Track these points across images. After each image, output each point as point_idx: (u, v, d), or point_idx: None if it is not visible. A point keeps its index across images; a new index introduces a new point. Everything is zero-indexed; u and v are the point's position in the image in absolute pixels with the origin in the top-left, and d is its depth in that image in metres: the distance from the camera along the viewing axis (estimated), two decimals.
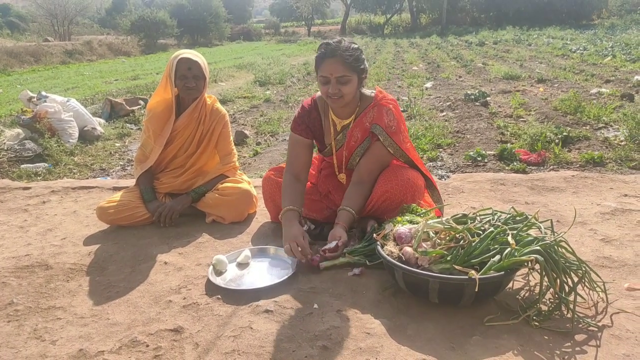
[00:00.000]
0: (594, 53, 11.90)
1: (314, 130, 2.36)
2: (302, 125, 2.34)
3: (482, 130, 4.94)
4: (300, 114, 2.36)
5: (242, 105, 7.30)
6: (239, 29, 38.22)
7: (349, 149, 2.30)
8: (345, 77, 2.06)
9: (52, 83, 11.83)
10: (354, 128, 2.25)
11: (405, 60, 13.21)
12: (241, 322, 1.72)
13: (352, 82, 2.09)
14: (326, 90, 2.11)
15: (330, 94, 2.10)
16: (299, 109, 2.38)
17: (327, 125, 2.35)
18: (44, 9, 31.77)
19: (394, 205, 2.19)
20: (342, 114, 2.28)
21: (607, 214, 2.52)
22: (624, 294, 1.79)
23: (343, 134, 2.30)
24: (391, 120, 2.19)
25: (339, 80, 2.06)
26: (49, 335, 1.71)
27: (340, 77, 2.06)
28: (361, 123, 2.23)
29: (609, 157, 3.73)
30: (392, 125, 2.18)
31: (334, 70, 2.05)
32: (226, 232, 2.52)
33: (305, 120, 2.34)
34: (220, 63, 15.26)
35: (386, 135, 2.18)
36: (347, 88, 2.09)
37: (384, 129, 2.17)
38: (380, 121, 2.18)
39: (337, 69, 2.05)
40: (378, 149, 2.21)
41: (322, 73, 2.09)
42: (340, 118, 2.30)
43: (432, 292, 1.67)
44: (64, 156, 4.55)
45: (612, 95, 6.39)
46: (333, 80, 2.06)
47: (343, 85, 2.07)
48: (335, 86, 2.07)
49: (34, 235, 2.61)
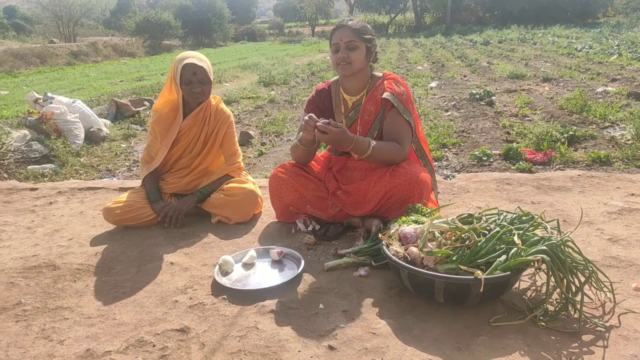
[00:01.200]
0: (599, 51, 11.83)
1: (322, 109, 2.50)
2: (312, 105, 2.53)
3: (487, 130, 4.93)
4: (312, 96, 2.55)
5: (246, 106, 7.32)
6: (243, 29, 38.32)
7: (363, 124, 2.38)
8: (353, 43, 2.25)
9: (58, 84, 11.90)
10: (367, 102, 2.36)
11: (410, 60, 13.18)
12: (247, 322, 1.72)
13: (359, 49, 2.27)
14: (336, 58, 2.29)
15: (339, 59, 2.27)
16: (313, 92, 2.57)
17: (337, 103, 2.48)
18: (50, 11, 31.96)
19: (400, 202, 2.20)
20: (353, 89, 2.41)
21: (614, 214, 2.50)
22: (632, 294, 1.78)
23: (355, 111, 2.41)
24: (401, 89, 2.33)
25: (348, 45, 2.25)
26: (56, 335, 1.72)
27: (349, 41, 2.25)
28: (373, 96, 2.35)
29: (616, 156, 3.71)
30: (403, 93, 2.32)
31: (343, 36, 2.26)
32: (232, 233, 2.53)
33: (316, 100, 2.52)
34: (224, 64, 15.30)
35: (399, 102, 2.29)
36: (355, 54, 2.26)
37: (396, 96, 2.29)
38: (392, 90, 2.31)
39: (346, 34, 2.26)
40: (395, 116, 2.30)
41: (334, 41, 2.30)
42: (350, 95, 2.43)
43: (438, 292, 1.67)
44: (70, 157, 4.57)
45: (618, 93, 6.35)
46: (342, 46, 2.26)
47: (351, 51, 2.26)
48: (344, 51, 2.25)
49: (41, 235, 2.63)
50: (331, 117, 2.48)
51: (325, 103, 2.50)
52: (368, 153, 2.21)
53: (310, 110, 2.50)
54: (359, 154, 2.24)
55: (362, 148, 2.20)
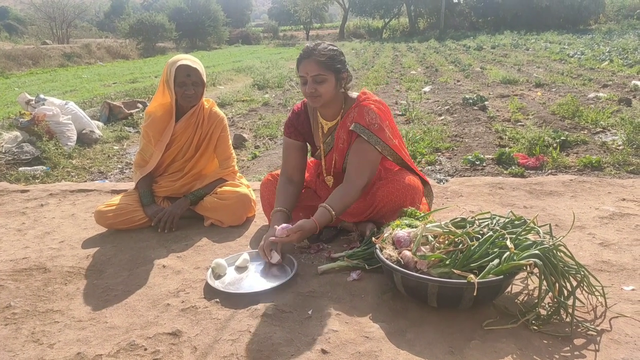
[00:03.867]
0: (591, 58, 11.95)
1: (303, 132, 2.41)
2: (291, 128, 2.41)
3: (480, 134, 4.95)
4: (290, 118, 2.43)
5: (240, 109, 7.31)
6: (238, 32, 38.32)
7: (338, 152, 2.31)
8: (320, 76, 2.12)
9: (51, 86, 11.83)
10: (339, 130, 2.27)
11: (404, 64, 13.24)
12: (240, 325, 1.71)
13: (328, 82, 2.14)
14: (305, 90, 2.17)
15: (307, 93, 2.16)
16: (290, 113, 2.46)
17: (315, 128, 2.40)
18: (43, 12, 31.81)
19: (393, 209, 2.20)
20: (328, 115, 2.31)
21: (606, 218, 2.52)
22: (623, 298, 1.80)
23: (332, 137, 2.33)
24: (372, 118, 2.18)
25: (315, 79, 2.12)
26: (46, 339, 1.70)
27: (316, 75, 2.12)
28: (344, 124, 2.25)
29: (607, 162, 3.74)
30: (375, 123, 2.18)
31: (310, 70, 2.12)
32: (225, 236, 2.52)
33: (295, 123, 2.41)
34: (218, 66, 15.28)
35: (370, 133, 2.17)
36: (324, 87, 2.14)
37: (366, 127, 2.17)
38: (361, 120, 2.18)
39: (312, 68, 2.12)
40: (360, 144, 2.19)
41: (300, 73, 2.17)
42: (326, 120, 2.33)
43: (431, 296, 1.67)
44: (62, 159, 4.54)
45: (609, 99, 6.42)
46: (309, 80, 2.13)
47: (319, 84, 2.13)
48: (312, 85, 2.13)
49: (31, 238, 2.60)
50: (311, 140, 2.41)
51: (304, 127, 2.40)
52: (334, 217, 2.12)
53: (290, 134, 2.39)
54: (328, 224, 2.16)
55: (327, 219, 2.11)
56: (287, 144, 2.42)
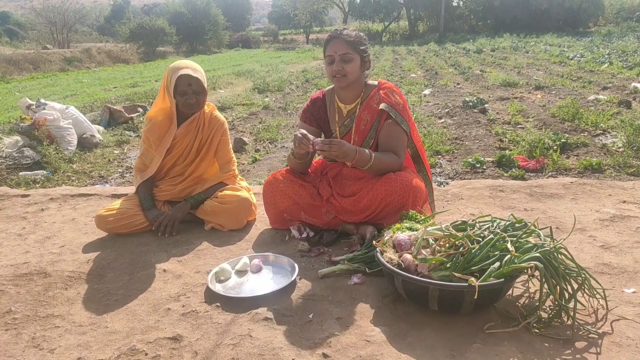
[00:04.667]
0: (591, 60, 11.97)
1: (317, 118, 2.50)
2: (307, 114, 2.53)
3: (480, 137, 4.96)
4: (307, 105, 2.55)
5: (240, 113, 7.32)
6: (238, 36, 38.43)
7: (359, 133, 2.39)
8: (348, 55, 2.23)
9: (51, 90, 11.85)
10: (362, 111, 2.37)
11: (404, 68, 13.26)
12: (240, 330, 1.71)
13: (354, 62, 2.26)
14: (331, 70, 2.27)
15: (335, 72, 2.26)
16: (307, 102, 2.57)
17: (332, 112, 2.48)
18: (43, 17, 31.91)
19: (395, 209, 2.20)
20: (347, 98, 2.41)
21: (606, 221, 2.52)
22: (624, 300, 1.79)
23: (350, 119, 2.41)
24: (397, 99, 2.35)
25: (343, 58, 2.23)
26: (47, 344, 1.70)
27: (344, 54, 2.23)
28: (369, 106, 2.36)
29: (607, 164, 3.74)
30: (399, 103, 2.34)
31: (338, 49, 2.23)
32: (225, 240, 2.51)
33: (311, 110, 2.52)
34: (219, 70, 15.32)
35: (396, 112, 2.31)
36: (350, 67, 2.24)
37: (393, 107, 2.31)
38: (388, 100, 2.32)
39: (341, 47, 2.23)
40: (391, 126, 2.32)
41: (328, 52, 2.28)
42: (345, 103, 2.43)
43: (432, 300, 1.67)
44: (62, 163, 4.55)
45: (609, 102, 6.42)
46: (337, 58, 2.24)
47: (346, 63, 2.24)
48: (339, 64, 2.23)
49: (32, 242, 2.60)
50: (326, 125, 2.50)
51: (320, 112, 2.50)
52: (369, 165, 2.23)
53: (305, 119, 2.51)
54: (361, 165, 2.25)
55: (364, 160, 2.21)
56: (301, 127, 2.51)
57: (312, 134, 2.46)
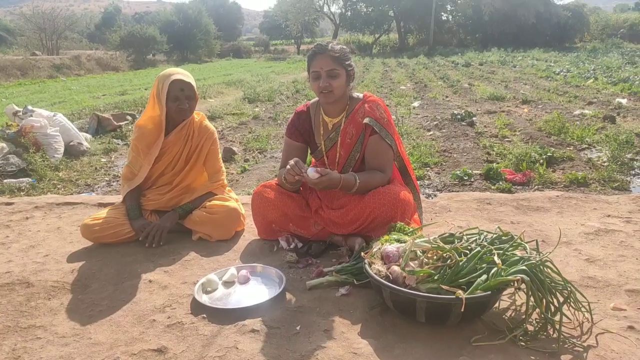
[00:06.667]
0: (576, 75, 12.19)
1: (303, 132, 2.49)
2: (292, 129, 2.51)
3: (468, 150, 5.00)
4: (292, 119, 2.54)
5: (230, 122, 7.31)
6: (229, 46, 38.54)
7: (345, 147, 2.39)
8: (334, 71, 2.22)
9: (39, 97, 11.74)
10: (348, 125, 2.37)
11: (393, 80, 13.38)
12: (226, 342, 1.69)
13: (340, 77, 2.25)
14: (317, 85, 2.25)
15: (321, 88, 2.24)
16: (292, 116, 2.56)
17: (317, 125, 2.47)
18: (33, 23, 31.65)
19: (383, 222, 2.21)
20: (333, 112, 2.41)
21: (591, 234, 2.55)
22: (609, 314, 1.81)
23: (336, 132, 2.41)
24: (382, 113, 2.35)
25: (329, 73, 2.22)
26: (28, 356, 1.66)
27: (330, 70, 2.21)
28: (354, 119, 2.36)
29: (593, 178, 3.80)
30: (384, 117, 2.35)
31: (324, 64, 2.22)
32: (213, 250, 2.49)
33: (296, 124, 2.51)
34: (209, 80, 15.30)
35: (381, 126, 2.31)
36: (337, 82, 2.24)
37: (377, 121, 2.31)
38: (373, 114, 2.32)
39: (327, 63, 2.22)
40: (376, 142, 2.33)
41: (314, 68, 2.26)
42: (331, 117, 2.43)
43: (420, 312, 1.67)
44: (48, 171, 4.49)
45: (594, 116, 6.54)
46: (323, 74, 2.22)
47: (333, 79, 2.23)
48: (326, 80, 2.22)
49: (15, 252, 2.55)
50: (311, 138, 2.50)
51: (305, 125, 2.50)
52: (355, 189, 2.25)
53: (291, 134, 2.50)
54: (347, 190, 2.27)
55: (349, 186, 2.24)
56: (287, 144, 2.54)
57: (299, 149, 2.51)
